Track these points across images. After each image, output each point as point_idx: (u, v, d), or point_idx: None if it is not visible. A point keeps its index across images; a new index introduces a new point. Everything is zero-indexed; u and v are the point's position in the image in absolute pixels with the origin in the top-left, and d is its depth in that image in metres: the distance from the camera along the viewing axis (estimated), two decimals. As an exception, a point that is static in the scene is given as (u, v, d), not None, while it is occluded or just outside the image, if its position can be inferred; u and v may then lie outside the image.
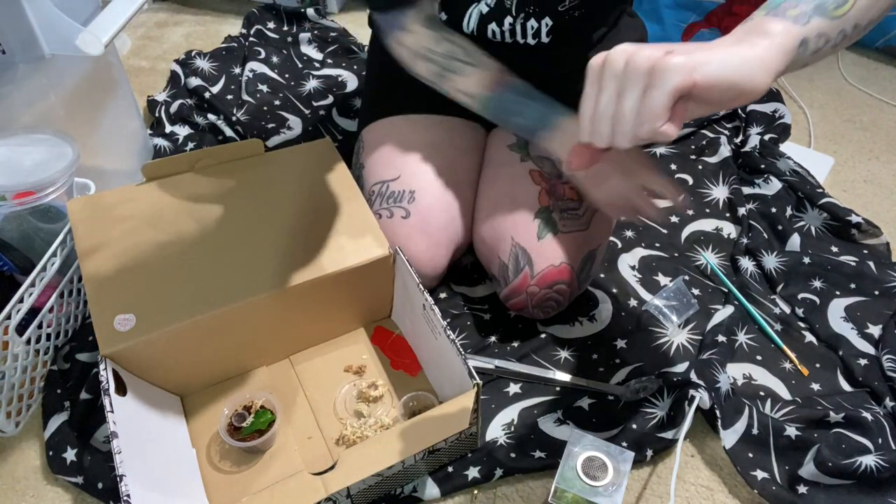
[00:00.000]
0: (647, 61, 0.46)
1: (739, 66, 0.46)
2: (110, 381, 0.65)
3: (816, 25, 0.50)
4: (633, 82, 0.47)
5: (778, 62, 0.48)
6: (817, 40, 0.50)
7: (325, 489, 0.60)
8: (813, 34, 0.50)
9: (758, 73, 0.46)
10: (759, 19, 0.50)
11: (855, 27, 0.52)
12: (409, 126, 0.90)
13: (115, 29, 0.84)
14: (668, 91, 0.45)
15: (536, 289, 0.83)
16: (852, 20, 0.51)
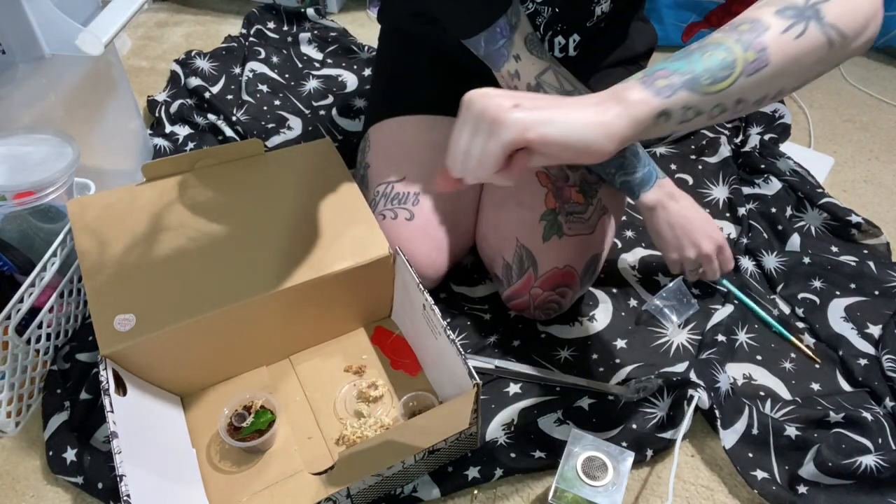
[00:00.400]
0: (492, 111, 0.47)
1: (579, 131, 0.47)
2: (110, 381, 0.65)
3: (683, 98, 0.49)
4: (480, 128, 0.48)
5: (625, 131, 0.48)
6: (685, 112, 0.50)
7: (325, 489, 0.60)
8: (678, 106, 0.49)
9: (598, 140, 0.47)
10: (627, 83, 0.50)
11: (739, 102, 0.51)
12: (415, 127, 0.89)
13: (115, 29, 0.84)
14: (499, 144, 0.47)
15: (540, 291, 0.83)
16: (734, 96, 0.50)
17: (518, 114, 0.46)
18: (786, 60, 0.50)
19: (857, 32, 0.51)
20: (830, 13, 0.50)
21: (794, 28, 0.50)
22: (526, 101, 0.48)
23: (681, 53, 0.51)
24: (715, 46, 0.50)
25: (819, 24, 0.50)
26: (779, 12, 0.50)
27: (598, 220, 0.84)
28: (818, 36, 0.50)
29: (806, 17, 0.50)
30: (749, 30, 0.50)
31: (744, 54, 0.49)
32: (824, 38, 0.50)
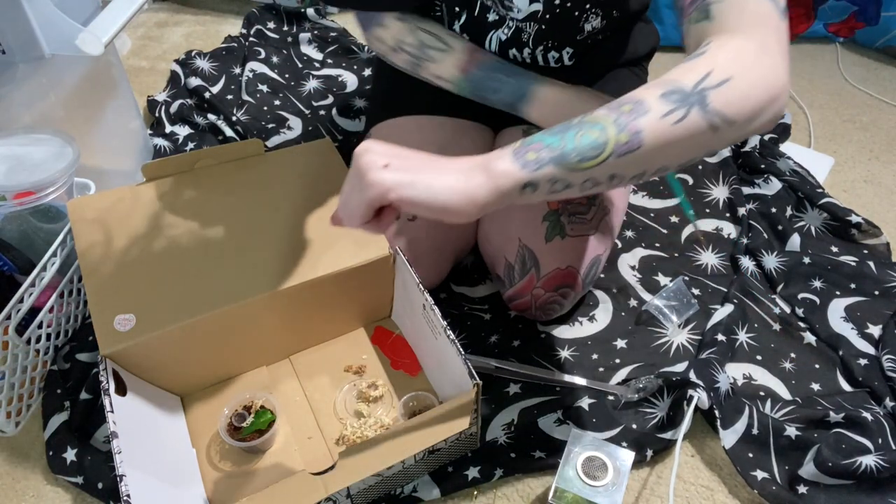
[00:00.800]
0: (363, 168, 0.50)
1: (440, 196, 0.49)
2: (110, 381, 0.65)
3: (550, 172, 0.50)
4: (354, 182, 0.52)
5: (487, 199, 0.50)
6: (552, 185, 0.51)
7: (325, 489, 0.60)
8: (544, 180, 0.50)
9: (459, 206, 0.49)
10: (501, 152, 0.51)
11: (613, 178, 0.51)
12: (417, 127, 0.89)
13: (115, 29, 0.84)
14: (365, 201, 0.50)
15: (542, 291, 0.83)
16: (606, 173, 0.51)
17: (385, 174, 0.49)
18: (661, 144, 0.50)
19: (748, 118, 0.51)
20: (717, 100, 0.49)
21: (675, 113, 0.49)
22: (397, 161, 0.50)
23: (561, 126, 0.51)
24: (591, 125, 0.50)
25: (702, 111, 0.49)
26: (664, 95, 0.50)
27: (601, 221, 0.84)
28: (700, 122, 0.50)
29: (689, 103, 0.49)
30: (629, 111, 0.50)
31: (616, 136, 0.49)
32: (706, 124, 0.50)
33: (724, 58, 0.50)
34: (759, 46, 0.51)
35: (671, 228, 1.05)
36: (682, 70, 0.51)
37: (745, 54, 0.51)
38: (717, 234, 1.04)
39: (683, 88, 0.50)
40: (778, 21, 0.52)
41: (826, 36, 1.51)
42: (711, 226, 1.05)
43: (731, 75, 0.50)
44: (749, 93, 0.50)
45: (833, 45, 1.50)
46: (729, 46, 0.51)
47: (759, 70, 0.50)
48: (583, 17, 0.76)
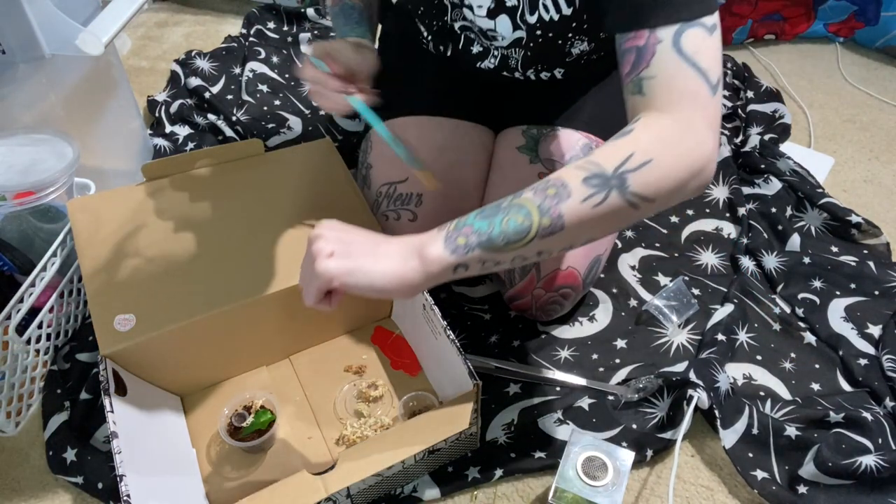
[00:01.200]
0: (313, 256, 0.55)
1: (378, 282, 0.54)
2: (110, 381, 0.65)
3: (479, 255, 0.54)
4: (306, 267, 0.57)
5: (421, 282, 0.54)
6: (481, 265, 0.55)
7: (325, 489, 0.60)
8: (474, 261, 0.54)
9: (396, 289, 0.54)
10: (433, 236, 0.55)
11: (540, 253, 0.55)
12: (418, 127, 0.89)
13: (115, 29, 0.84)
14: (314, 286, 0.55)
15: (542, 291, 0.83)
16: (532, 251, 0.54)
17: (330, 264, 0.54)
18: (582, 224, 0.53)
19: (669, 195, 0.53)
20: (636, 182, 0.52)
21: (595, 197, 0.52)
22: (340, 247, 0.55)
23: (490, 210, 0.54)
24: (518, 209, 0.53)
25: (622, 193, 0.52)
26: (585, 180, 0.52)
27: None
28: (619, 203, 0.52)
29: (609, 186, 0.52)
30: (553, 195, 0.52)
31: (540, 220, 0.52)
32: (626, 204, 0.52)
33: (647, 139, 0.52)
34: (684, 125, 0.52)
35: (671, 228, 1.05)
36: (607, 151, 0.53)
37: (669, 134, 0.52)
38: (717, 235, 1.04)
39: (605, 172, 0.52)
40: (707, 98, 0.53)
41: (826, 36, 1.51)
42: (711, 226, 1.05)
43: (651, 157, 0.51)
44: (668, 173, 0.52)
45: (833, 45, 1.50)
46: (654, 127, 0.53)
47: (681, 149, 0.52)
48: (568, 44, 0.77)
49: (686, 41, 0.52)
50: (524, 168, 0.85)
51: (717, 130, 0.54)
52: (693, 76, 0.53)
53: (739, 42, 1.49)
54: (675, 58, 0.53)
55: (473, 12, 0.75)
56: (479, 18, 0.76)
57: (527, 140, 0.88)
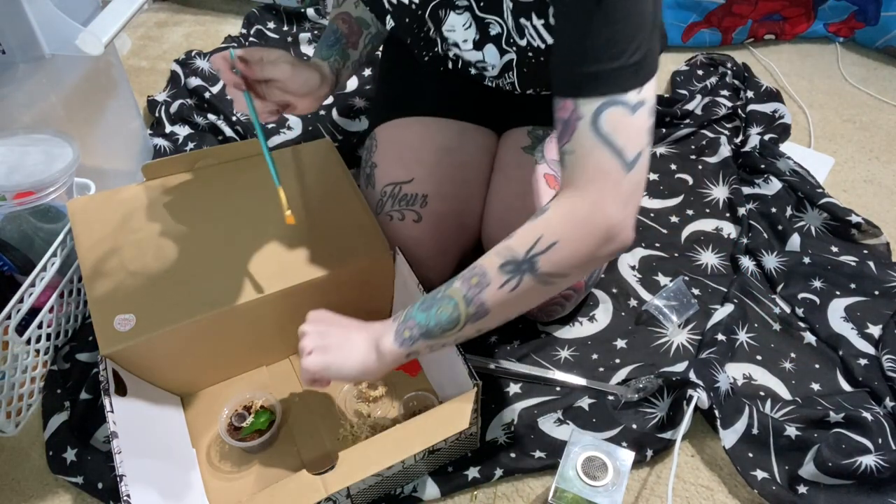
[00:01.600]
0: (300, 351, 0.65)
1: (349, 374, 0.64)
2: (110, 381, 0.65)
3: (423, 344, 0.61)
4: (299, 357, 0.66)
5: (382, 369, 0.63)
6: (429, 349, 0.62)
7: (326, 489, 0.60)
8: (421, 348, 0.62)
9: (363, 377, 0.64)
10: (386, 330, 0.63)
11: (479, 330, 0.61)
12: (422, 128, 0.89)
13: (115, 29, 0.84)
14: (305, 378, 0.65)
15: None
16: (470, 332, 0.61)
17: (309, 361, 0.64)
18: (505, 306, 0.59)
19: (581, 269, 0.57)
20: (545, 263, 0.56)
21: (509, 283, 0.57)
22: (320, 345, 0.64)
23: (428, 301, 0.61)
24: (448, 301, 0.59)
25: (534, 276, 0.56)
26: (501, 267, 0.57)
27: None
28: (534, 284, 0.57)
29: (522, 271, 0.56)
30: (476, 284, 0.58)
31: (466, 309, 0.59)
32: (539, 284, 0.57)
33: (556, 220, 0.56)
34: (592, 204, 0.54)
35: (671, 228, 1.05)
36: (521, 235, 0.57)
37: (577, 214, 0.55)
38: (717, 235, 1.04)
39: (517, 257, 0.56)
40: (619, 176, 0.54)
41: (826, 36, 1.51)
42: (711, 226, 1.05)
43: (558, 238, 0.55)
44: (576, 251, 0.55)
45: (833, 45, 1.50)
46: (565, 206, 0.56)
47: (587, 229, 0.55)
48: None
49: (604, 120, 0.53)
50: (529, 168, 0.85)
51: (630, 204, 0.55)
52: (607, 155, 0.54)
53: (739, 42, 1.50)
54: (591, 136, 0.54)
55: (460, 48, 0.77)
56: (467, 52, 0.77)
57: (532, 140, 0.88)
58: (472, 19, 0.73)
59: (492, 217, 0.88)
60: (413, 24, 0.77)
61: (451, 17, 0.74)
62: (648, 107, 0.54)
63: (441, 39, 0.78)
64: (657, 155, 1.18)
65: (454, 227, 0.87)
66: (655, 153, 1.18)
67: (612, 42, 0.52)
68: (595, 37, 0.52)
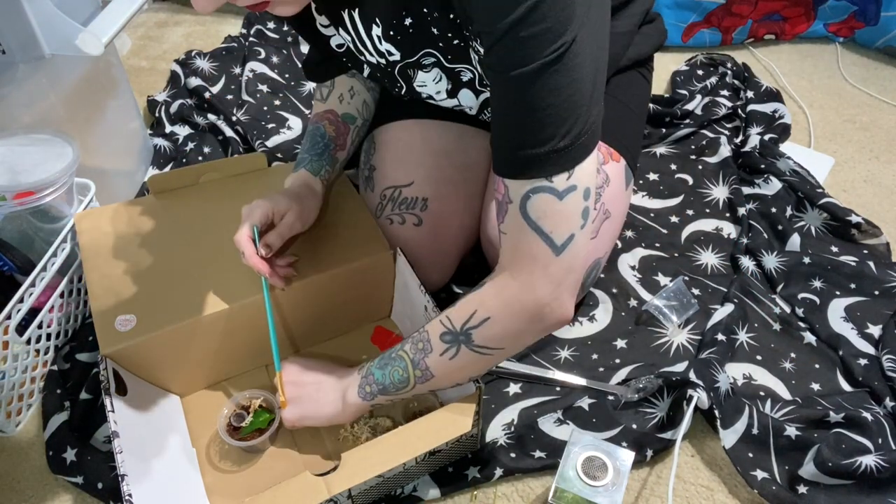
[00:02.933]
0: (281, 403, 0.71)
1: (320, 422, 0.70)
2: (111, 381, 0.66)
3: (382, 399, 0.67)
4: None
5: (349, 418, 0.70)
6: (391, 402, 0.67)
7: (328, 490, 0.60)
8: (382, 401, 0.67)
9: (336, 420, 0.70)
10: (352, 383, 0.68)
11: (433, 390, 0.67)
12: (421, 131, 0.89)
13: (115, 29, 0.84)
14: (287, 426, 0.72)
15: None
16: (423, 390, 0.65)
17: (287, 413, 0.70)
18: (447, 373, 0.62)
19: (514, 343, 0.60)
20: (479, 337, 0.59)
21: (449, 352, 0.60)
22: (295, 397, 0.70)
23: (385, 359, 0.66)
24: (398, 361, 0.64)
25: (469, 346, 0.59)
26: (441, 335, 0.61)
27: (601, 225, 0.84)
28: (470, 355, 0.60)
29: (458, 342, 0.60)
30: (421, 349, 0.62)
31: (413, 371, 0.63)
32: (476, 355, 0.60)
33: (489, 297, 0.58)
34: (523, 285, 0.56)
35: (671, 228, 1.05)
36: (459, 308, 0.60)
37: (508, 294, 0.57)
38: (717, 235, 1.04)
39: (454, 329, 0.60)
40: (549, 259, 0.55)
41: (826, 36, 1.51)
42: (711, 226, 1.05)
43: (490, 314, 0.58)
44: (508, 327, 0.58)
45: (833, 45, 1.50)
46: (497, 286, 0.58)
47: (517, 307, 0.57)
48: None
49: (532, 206, 0.53)
50: None
51: (563, 284, 0.56)
52: (536, 240, 0.54)
53: (739, 42, 1.50)
54: (520, 221, 0.54)
55: (435, 100, 0.78)
56: (443, 101, 0.78)
57: None
58: (442, 73, 0.74)
59: (491, 217, 0.88)
60: (385, 80, 0.79)
61: (420, 74, 0.75)
62: (582, 189, 0.54)
63: (415, 94, 0.79)
64: (657, 155, 1.18)
65: (454, 229, 0.87)
66: (655, 153, 1.18)
67: (539, 128, 0.51)
68: (522, 123, 0.51)
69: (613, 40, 0.84)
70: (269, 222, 0.72)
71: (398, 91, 0.81)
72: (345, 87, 0.86)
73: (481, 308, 0.58)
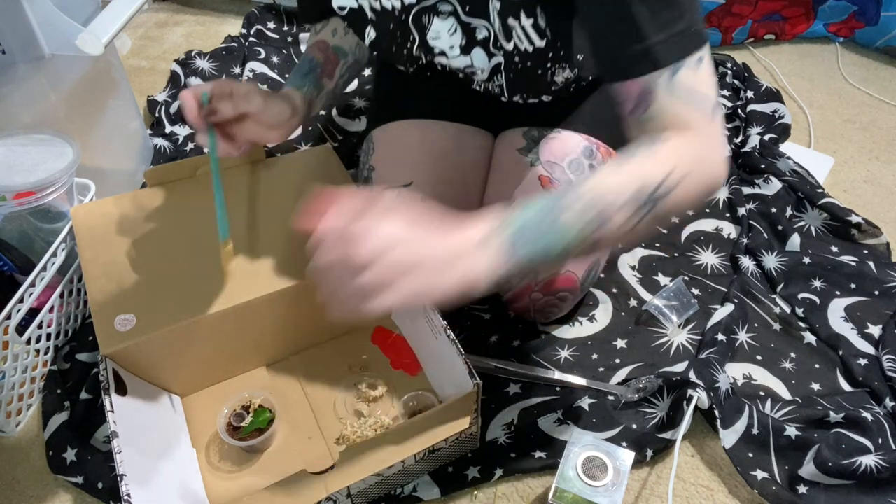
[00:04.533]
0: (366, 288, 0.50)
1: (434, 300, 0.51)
2: (110, 381, 0.66)
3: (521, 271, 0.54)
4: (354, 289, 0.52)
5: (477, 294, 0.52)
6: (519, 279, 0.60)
7: (326, 489, 0.60)
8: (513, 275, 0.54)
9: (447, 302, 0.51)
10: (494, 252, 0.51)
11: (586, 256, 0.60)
12: (420, 131, 0.89)
13: (115, 29, 0.84)
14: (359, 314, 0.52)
15: (540, 295, 0.83)
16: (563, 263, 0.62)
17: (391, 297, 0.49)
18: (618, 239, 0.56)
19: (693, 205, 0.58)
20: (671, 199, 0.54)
21: (633, 219, 0.54)
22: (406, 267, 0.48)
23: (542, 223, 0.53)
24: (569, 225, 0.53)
25: (654, 214, 0.55)
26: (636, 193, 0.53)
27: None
28: (648, 224, 0.55)
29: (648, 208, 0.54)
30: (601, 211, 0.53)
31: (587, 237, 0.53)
32: (652, 226, 0.56)
33: (684, 154, 0.55)
34: (706, 139, 0.56)
35: (671, 228, 1.05)
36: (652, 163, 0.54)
37: (696, 151, 0.56)
38: (717, 235, 1.04)
39: (648, 187, 0.53)
40: (707, 121, 0.56)
41: (826, 36, 1.51)
42: (711, 226, 1.05)
43: (687, 172, 0.54)
44: (695, 191, 0.56)
45: (833, 45, 1.50)
46: (685, 143, 0.55)
47: (706, 168, 0.56)
48: (549, 73, 0.76)
49: (677, 83, 0.55)
50: (525, 170, 0.85)
51: (725, 142, 0.57)
52: (690, 109, 0.56)
53: (739, 42, 1.50)
54: (670, 100, 0.55)
55: (447, 56, 0.77)
56: (455, 59, 0.77)
57: (527, 142, 0.88)
58: (458, 24, 0.73)
59: None
60: (396, 33, 0.76)
61: (436, 22, 0.73)
62: (707, 58, 0.56)
63: (426, 52, 0.78)
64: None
65: None
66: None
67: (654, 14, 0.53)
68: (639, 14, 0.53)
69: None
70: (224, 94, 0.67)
71: (407, 54, 0.79)
72: (340, 24, 0.84)
73: (679, 166, 0.54)
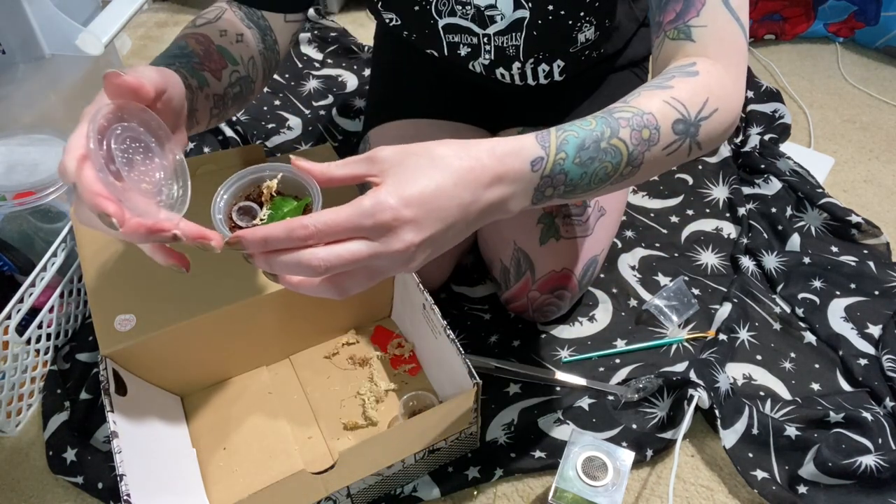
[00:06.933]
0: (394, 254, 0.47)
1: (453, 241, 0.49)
2: (110, 381, 0.66)
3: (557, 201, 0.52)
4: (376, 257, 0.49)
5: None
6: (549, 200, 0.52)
7: (326, 488, 0.60)
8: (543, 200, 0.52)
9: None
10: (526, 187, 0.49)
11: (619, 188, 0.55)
12: (416, 130, 0.89)
13: (115, 29, 0.84)
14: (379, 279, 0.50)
15: (537, 294, 0.83)
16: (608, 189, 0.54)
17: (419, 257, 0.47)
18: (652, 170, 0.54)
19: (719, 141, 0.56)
20: (705, 131, 0.53)
21: (674, 145, 0.53)
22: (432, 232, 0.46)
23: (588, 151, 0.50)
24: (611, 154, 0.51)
25: (692, 140, 0.53)
26: (674, 124, 0.52)
27: (597, 222, 0.84)
28: (685, 149, 0.54)
29: (688, 135, 0.53)
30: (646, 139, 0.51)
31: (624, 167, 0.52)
32: (688, 150, 0.54)
33: (716, 86, 0.54)
34: (734, 76, 0.55)
35: (671, 228, 1.05)
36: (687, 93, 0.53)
37: (728, 84, 0.55)
38: (717, 235, 1.04)
39: (688, 118, 0.53)
40: (745, 51, 0.57)
41: (826, 36, 1.51)
42: (711, 226, 1.05)
43: (718, 106, 0.54)
44: (727, 122, 0.55)
45: (833, 45, 1.50)
46: (715, 74, 0.54)
47: (735, 101, 0.55)
48: (576, 27, 0.74)
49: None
50: None
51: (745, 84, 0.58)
52: (737, 30, 0.55)
53: (739, 42, 1.49)
54: (724, 11, 0.55)
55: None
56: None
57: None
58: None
59: None
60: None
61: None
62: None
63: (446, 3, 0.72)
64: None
65: None
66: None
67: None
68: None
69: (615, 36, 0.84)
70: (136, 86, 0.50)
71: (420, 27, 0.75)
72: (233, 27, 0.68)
73: (711, 98, 0.53)
